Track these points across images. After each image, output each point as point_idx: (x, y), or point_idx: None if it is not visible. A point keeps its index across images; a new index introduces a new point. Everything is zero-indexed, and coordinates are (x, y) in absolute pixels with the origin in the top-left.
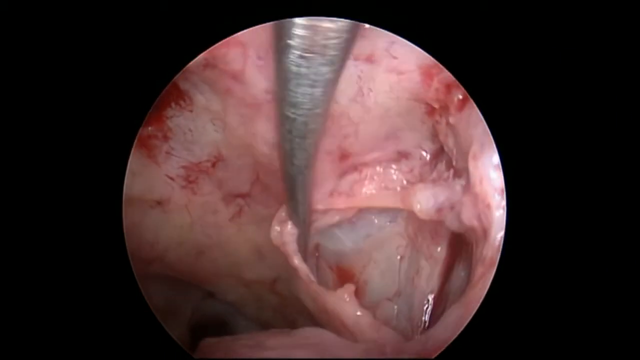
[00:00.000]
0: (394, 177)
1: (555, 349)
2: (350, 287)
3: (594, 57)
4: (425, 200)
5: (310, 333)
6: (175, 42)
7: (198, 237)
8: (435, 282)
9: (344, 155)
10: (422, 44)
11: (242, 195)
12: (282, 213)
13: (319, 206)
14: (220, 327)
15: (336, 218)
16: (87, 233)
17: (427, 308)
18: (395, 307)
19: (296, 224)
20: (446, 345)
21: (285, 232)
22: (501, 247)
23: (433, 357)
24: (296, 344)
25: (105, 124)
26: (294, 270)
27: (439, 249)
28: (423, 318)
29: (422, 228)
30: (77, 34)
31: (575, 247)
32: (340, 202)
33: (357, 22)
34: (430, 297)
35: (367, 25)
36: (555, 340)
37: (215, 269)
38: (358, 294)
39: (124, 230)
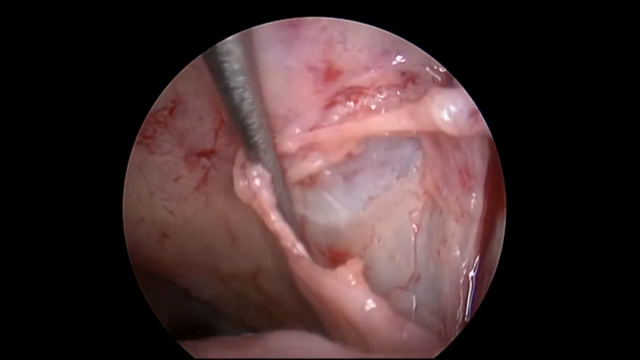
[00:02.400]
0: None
1: (555, 349)
2: (356, 264)
3: (590, 54)
4: (451, 101)
5: (280, 342)
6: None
7: (159, 212)
8: (472, 252)
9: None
10: None
11: (207, 154)
12: (241, 155)
13: (291, 144)
14: (202, 331)
15: (318, 162)
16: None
17: (465, 291)
18: (413, 297)
19: (266, 167)
20: None
21: (251, 178)
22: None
23: (433, 357)
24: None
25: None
26: (274, 238)
27: (472, 199)
28: (459, 308)
29: (445, 171)
30: (76, 32)
31: (574, 248)
32: (323, 136)
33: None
34: (470, 274)
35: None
36: (556, 340)
37: (183, 258)
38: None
39: None
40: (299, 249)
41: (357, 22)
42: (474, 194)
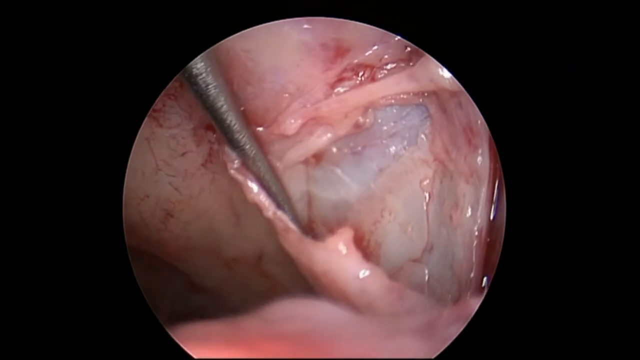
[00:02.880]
0: None
1: (555, 349)
2: (346, 232)
3: (584, 45)
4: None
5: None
6: None
7: (164, 189)
8: (483, 211)
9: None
10: None
11: (213, 127)
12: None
13: (293, 120)
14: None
15: (326, 136)
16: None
17: (478, 253)
18: (426, 269)
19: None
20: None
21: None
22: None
23: (433, 357)
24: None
25: None
26: (257, 214)
27: (478, 157)
28: (473, 272)
29: (452, 133)
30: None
31: (575, 248)
32: (326, 108)
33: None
34: (482, 235)
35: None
36: (556, 340)
37: (187, 241)
38: (369, 262)
39: None
40: (284, 219)
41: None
42: (480, 151)
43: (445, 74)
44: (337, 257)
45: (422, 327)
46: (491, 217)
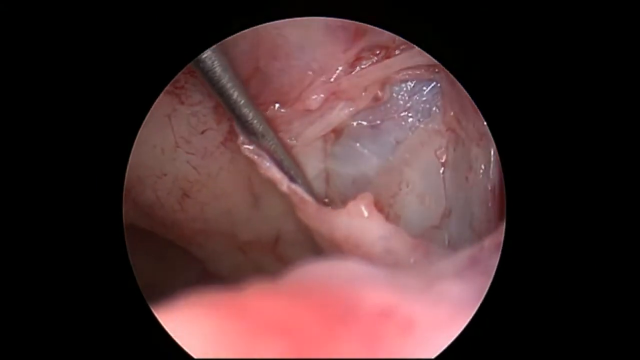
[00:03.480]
0: None
1: (556, 349)
2: (366, 197)
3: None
4: None
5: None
6: None
7: (182, 168)
8: (495, 170)
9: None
10: None
11: None
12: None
13: (315, 96)
14: None
15: (348, 110)
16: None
17: (495, 207)
18: (446, 234)
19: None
20: None
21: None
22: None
23: (433, 357)
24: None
25: None
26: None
27: (482, 120)
28: (493, 224)
29: (461, 103)
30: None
31: (574, 248)
32: (346, 83)
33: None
34: (496, 190)
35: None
36: (556, 340)
37: (204, 223)
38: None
39: None
40: (299, 191)
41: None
42: (480, 113)
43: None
44: (359, 220)
45: (464, 265)
46: (501, 177)
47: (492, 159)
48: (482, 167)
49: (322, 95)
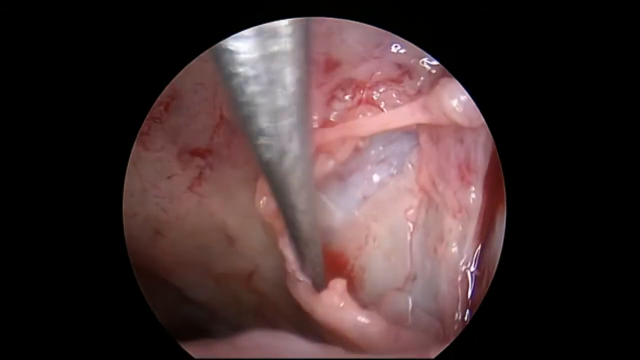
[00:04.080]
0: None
1: (556, 349)
2: (339, 284)
3: (587, 45)
4: (460, 90)
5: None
6: None
7: (152, 209)
8: (470, 248)
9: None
10: None
11: (202, 153)
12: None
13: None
14: (199, 334)
15: (330, 164)
16: None
17: (464, 289)
18: (409, 298)
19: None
20: None
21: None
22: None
23: (433, 357)
24: None
25: None
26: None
27: (472, 194)
28: (459, 307)
29: (443, 166)
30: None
31: (576, 245)
32: (332, 135)
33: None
34: (468, 271)
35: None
36: (557, 340)
37: (176, 256)
38: (353, 287)
39: None
40: (301, 277)
41: (350, 21)
42: (473, 188)
43: (457, 106)
44: (334, 310)
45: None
46: (478, 255)
47: (469, 236)
48: (456, 242)
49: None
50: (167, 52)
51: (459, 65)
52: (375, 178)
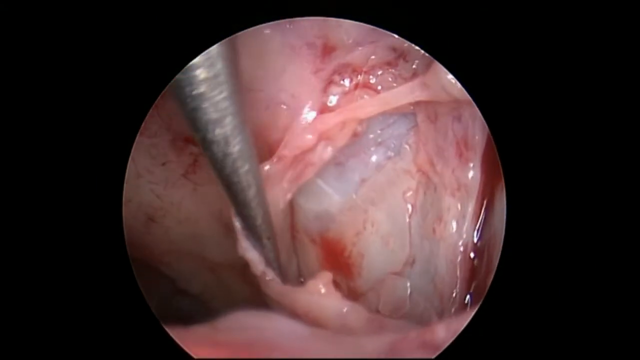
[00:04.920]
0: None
1: (556, 349)
2: (325, 276)
3: (579, 36)
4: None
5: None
6: None
7: (145, 195)
8: (469, 226)
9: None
10: None
11: (192, 140)
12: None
13: (310, 136)
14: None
15: (328, 150)
16: None
17: (463, 269)
18: (408, 283)
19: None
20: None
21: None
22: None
23: (433, 357)
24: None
25: None
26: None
27: (470, 172)
28: (457, 287)
29: (440, 145)
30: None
31: (573, 249)
32: (334, 120)
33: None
34: (467, 250)
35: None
36: (557, 340)
37: (170, 245)
38: (351, 274)
39: None
40: (270, 274)
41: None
42: (471, 165)
43: (457, 83)
44: (317, 298)
45: (385, 349)
46: (478, 233)
47: (468, 214)
48: (455, 221)
49: (315, 134)
50: (167, 50)
51: (450, 55)
52: (373, 161)
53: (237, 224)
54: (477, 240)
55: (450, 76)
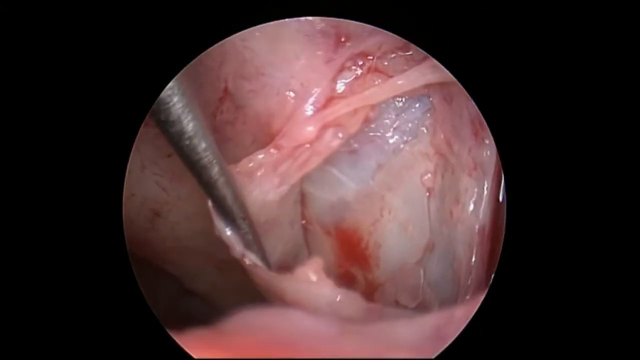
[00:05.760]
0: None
1: (556, 349)
2: (315, 262)
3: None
4: None
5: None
6: None
7: (150, 188)
8: (487, 208)
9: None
10: None
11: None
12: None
13: (312, 128)
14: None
15: (337, 138)
16: None
17: (480, 251)
18: (422, 271)
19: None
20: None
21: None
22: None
23: (433, 357)
24: None
25: None
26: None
27: (486, 150)
28: (472, 273)
29: (456, 125)
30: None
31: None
32: (341, 107)
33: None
34: (485, 231)
35: None
36: (557, 340)
37: (176, 242)
38: (368, 266)
39: None
40: (250, 258)
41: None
42: (487, 142)
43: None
44: (307, 286)
45: (431, 333)
46: (494, 213)
47: (485, 195)
48: (472, 202)
49: (318, 125)
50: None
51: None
52: (390, 145)
53: (210, 203)
54: (494, 220)
55: None
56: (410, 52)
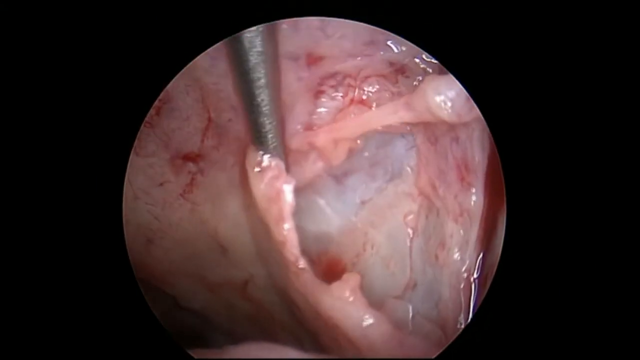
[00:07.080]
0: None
1: (556, 349)
2: (353, 279)
3: (584, 40)
4: (447, 86)
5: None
6: None
7: (143, 217)
8: (473, 253)
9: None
10: None
11: (193, 158)
12: (253, 151)
13: (296, 142)
14: (194, 341)
15: (318, 165)
16: None
17: (467, 296)
18: (410, 306)
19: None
20: None
21: (271, 175)
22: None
23: (433, 357)
24: None
25: None
26: (278, 248)
27: (472, 196)
28: (461, 314)
29: (442, 169)
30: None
31: (576, 245)
32: (322, 138)
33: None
34: (471, 278)
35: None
36: (557, 340)
37: (169, 265)
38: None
39: None
40: (302, 262)
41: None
42: (473, 190)
43: (443, 102)
44: (342, 304)
45: None
46: (481, 260)
47: (471, 240)
48: (458, 248)
49: (299, 142)
50: (160, 57)
51: (456, 61)
52: (373, 182)
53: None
54: (480, 267)
55: (439, 98)
56: (397, 86)
